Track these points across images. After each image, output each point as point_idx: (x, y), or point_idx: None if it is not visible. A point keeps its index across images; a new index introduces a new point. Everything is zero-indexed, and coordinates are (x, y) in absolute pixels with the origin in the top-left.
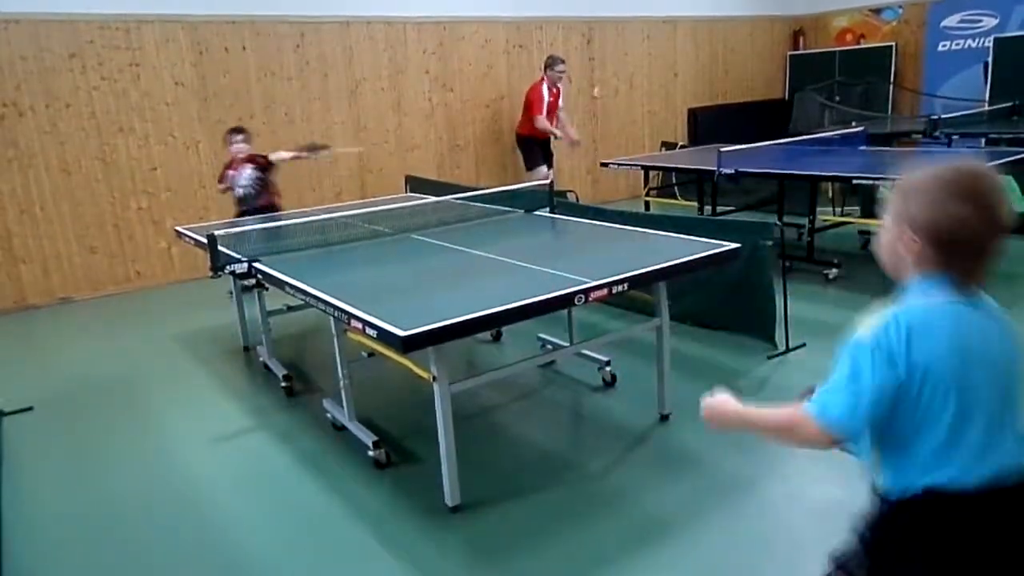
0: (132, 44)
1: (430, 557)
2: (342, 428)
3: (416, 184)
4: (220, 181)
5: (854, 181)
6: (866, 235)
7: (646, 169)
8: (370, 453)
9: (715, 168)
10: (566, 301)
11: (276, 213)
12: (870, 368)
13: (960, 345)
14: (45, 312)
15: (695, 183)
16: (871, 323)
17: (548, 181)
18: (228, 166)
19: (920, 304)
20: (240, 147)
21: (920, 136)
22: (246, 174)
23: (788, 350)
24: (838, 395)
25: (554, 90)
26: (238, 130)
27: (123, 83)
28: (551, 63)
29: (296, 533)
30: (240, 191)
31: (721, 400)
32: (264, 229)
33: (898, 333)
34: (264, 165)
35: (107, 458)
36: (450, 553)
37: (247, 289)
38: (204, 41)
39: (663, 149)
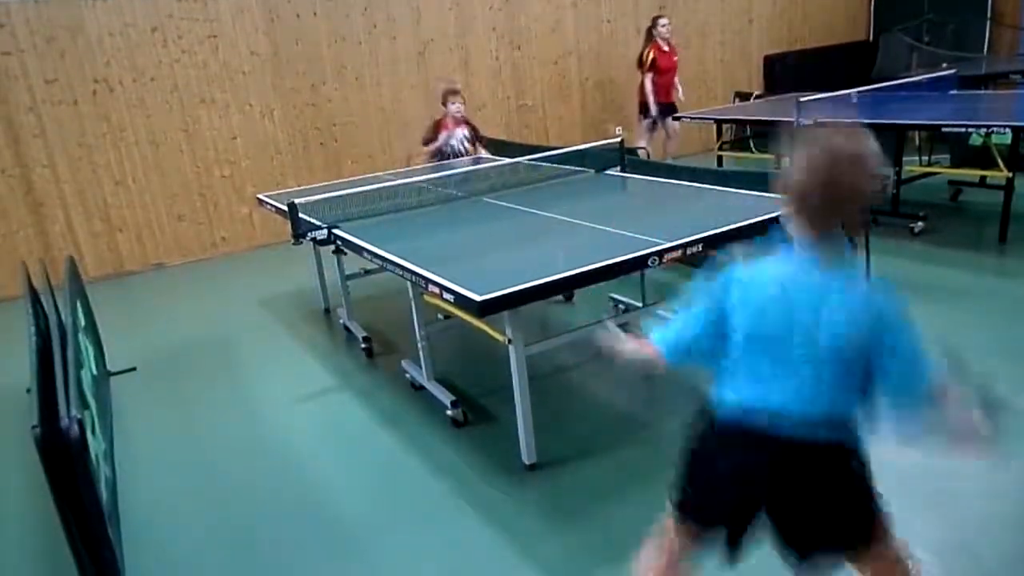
0: (209, 15)
1: (508, 512)
2: (420, 388)
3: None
4: (426, 143)
5: (943, 129)
6: (956, 186)
7: (719, 122)
8: (448, 412)
9: (793, 119)
10: (640, 263)
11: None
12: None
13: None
14: (141, 278)
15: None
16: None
17: (619, 139)
18: (439, 127)
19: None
20: (460, 108)
21: (1020, 77)
22: (460, 135)
23: None
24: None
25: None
26: (457, 92)
27: (203, 55)
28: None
29: (379, 485)
30: (450, 148)
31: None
32: (341, 195)
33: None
34: (476, 134)
35: (205, 413)
36: (527, 509)
37: (338, 251)
38: (275, 8)
39: (736, 100)
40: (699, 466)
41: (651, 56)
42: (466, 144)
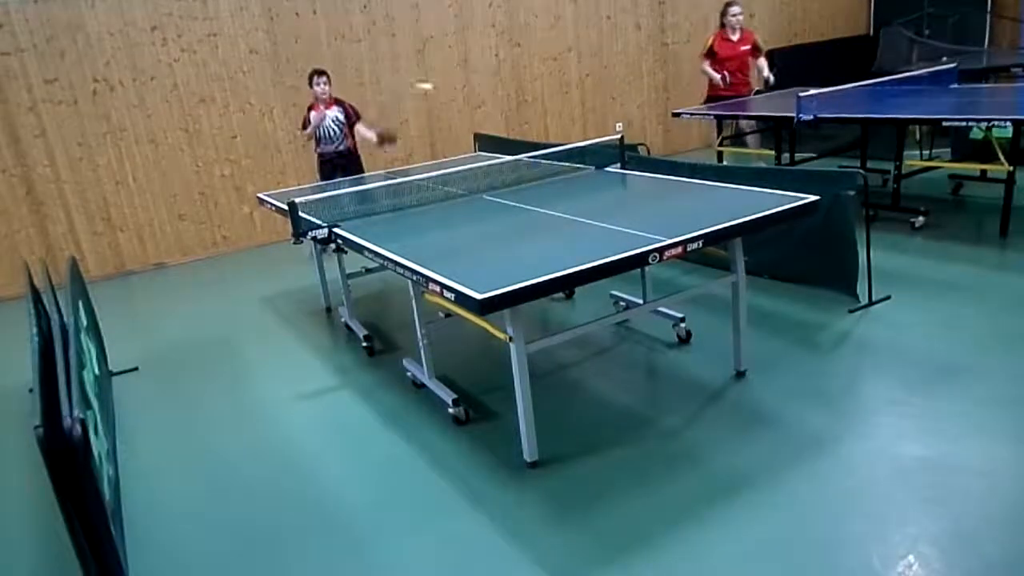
0: (208, 14)
1: (509, 510)
2: (422, 386)
3: (485, 142)
4: (303, 127)
5: (944, 123)
6: (957, 180)
7: (719, 118)
8: (450, 410)
9: (793, 115)
10: (640, 260)
11: (358, 176)
12: None
13: None
14: (142, 277)
15: (771, 131)
16: None
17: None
18: (311, 108)
19: None
20: (325, 88)
21: (1020, 70)
22: (331, 116)
23: (871, 303)
24: None
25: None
26: (322, 72)
27: (202, 54)
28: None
29: (380, 484)
30: (324, 131)
31: None
32: (341, 194)
33: None
34: (351, 113)
35: (207, 412)
36: (529, 506)
37: (339, 249)
38: (275, 6)
39: None
40: None
41: (709, 43)
42: (337, 126)
